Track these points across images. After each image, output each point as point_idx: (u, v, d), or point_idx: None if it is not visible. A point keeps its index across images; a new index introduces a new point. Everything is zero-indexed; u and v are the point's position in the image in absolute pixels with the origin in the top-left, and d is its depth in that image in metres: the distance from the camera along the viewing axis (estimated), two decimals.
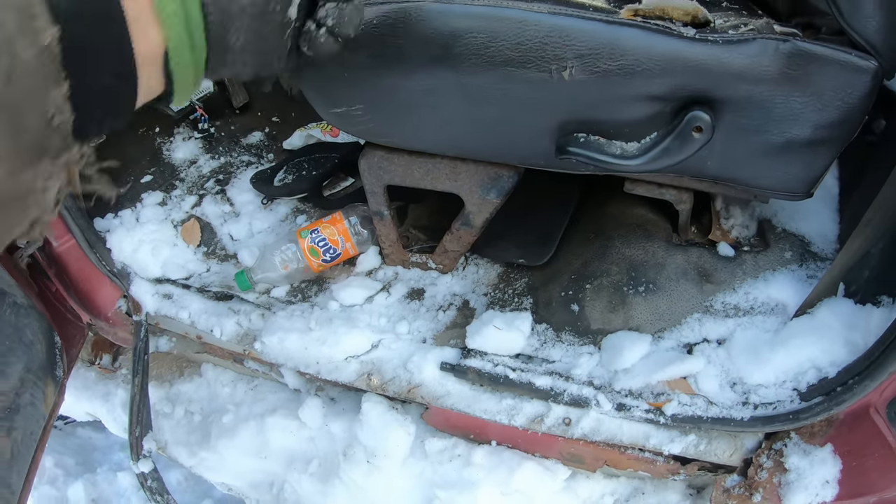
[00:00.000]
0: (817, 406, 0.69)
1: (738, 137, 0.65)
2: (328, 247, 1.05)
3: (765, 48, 0.59)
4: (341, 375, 0.91)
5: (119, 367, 1.33)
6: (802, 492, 0.72)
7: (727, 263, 0.86)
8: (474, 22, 0.65)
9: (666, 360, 0.77)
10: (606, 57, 0.61)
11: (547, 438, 0.81)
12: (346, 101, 0.78)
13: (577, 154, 0.69)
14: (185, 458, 1.13)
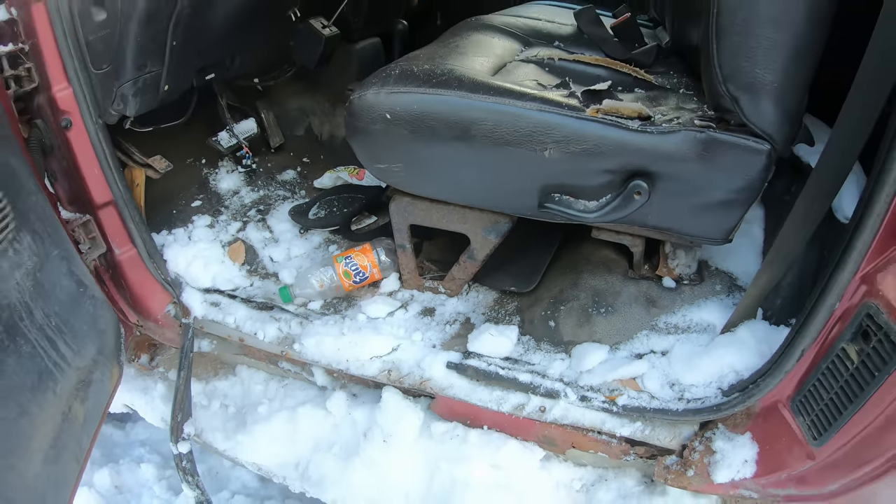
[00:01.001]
0: (735, 400, 0.98)
1: (669, 199, 0.97)
2: (358, 271, 1.37)
3: (686, 137, 0.92)
4: (366, 371, 1.20)
5: (156, 365, 1.60)
6: (726, 469, 1.00)
7: (670, 293, 1.17)
8: (485, 113, 1.00)
9: (619, 365, 1.07)
10: (575, 142, 0.95)
11: (526, 423, 1.10)
12: (388, 160, 1.11)
13: (552, 209, 1.03)
14: (220, 442, 1.39)
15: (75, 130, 1.22)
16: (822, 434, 0.88)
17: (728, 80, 0.89)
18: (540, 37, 1.45)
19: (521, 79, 1.14)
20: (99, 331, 1.20)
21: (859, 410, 0.82)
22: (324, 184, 1.79)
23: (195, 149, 1.80)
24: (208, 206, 1.67)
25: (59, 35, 1.16)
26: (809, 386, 0.90)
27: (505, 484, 1.11)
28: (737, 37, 0.86)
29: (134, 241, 1.34)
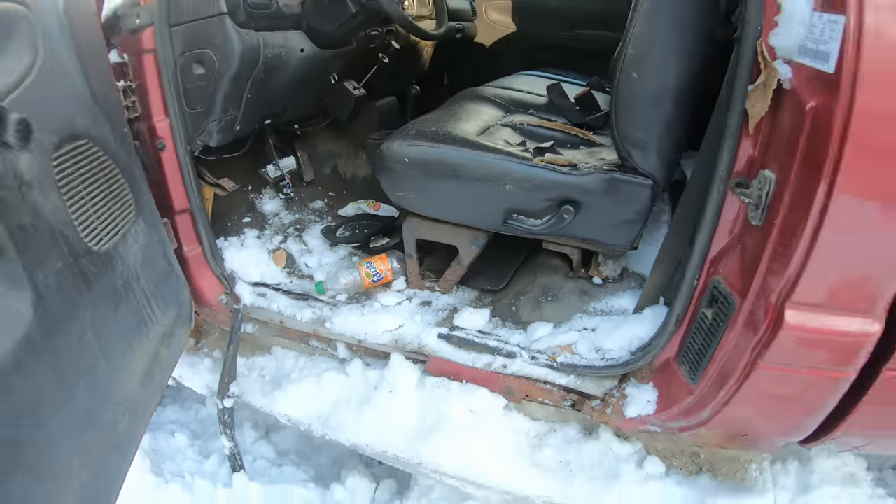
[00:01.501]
0: (638, 358, 1.46)
1: (589, 218, 1.51)
2: (376, 273, 1.88)
3: (598, 177, 1.47)
4: (380, 340, 1.70)
5: (201, 347, 2.07)
6: (634, 407, 1.47)
7: (598, 288, 1.71)
8: (469, 161, 1.56)
9: (559, 336, 1.58)
10: (525, 181, 1.51)
11: (493, 376, 1.58)
12: (404, 190, 1.66)
13: (512, 224, 1.58)
14: (257, 400, 1.81)
15: (167, 153, 1.69)
16: (696, 375, 1.35)
17: (623, 140, 1.44)
18: (519, 105, 2.02)
19: (497, 138, 1.71)
20: (179, 301, 1.67)
21: (714, 352, 1.29)
22: (347, 212, 2.34)
23: (245, 177, 2.33)
24: (256, 223, 2.20)
25: (165, 81, 1.63)
26: (686, 342, 1.39)
27: (477, 422, 1.60)
28: (628, 112, 1.41)
29: (201, 242, 1.83)
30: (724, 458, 1.58)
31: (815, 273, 1.08)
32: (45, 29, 1.21)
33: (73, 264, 1.15)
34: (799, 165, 1.05)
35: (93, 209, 1.26)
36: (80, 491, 1.12)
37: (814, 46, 1.01)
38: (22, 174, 1.03)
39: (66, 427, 1.08)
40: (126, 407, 1.30)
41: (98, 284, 1.23)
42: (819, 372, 1.20)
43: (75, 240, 1.17)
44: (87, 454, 1.14)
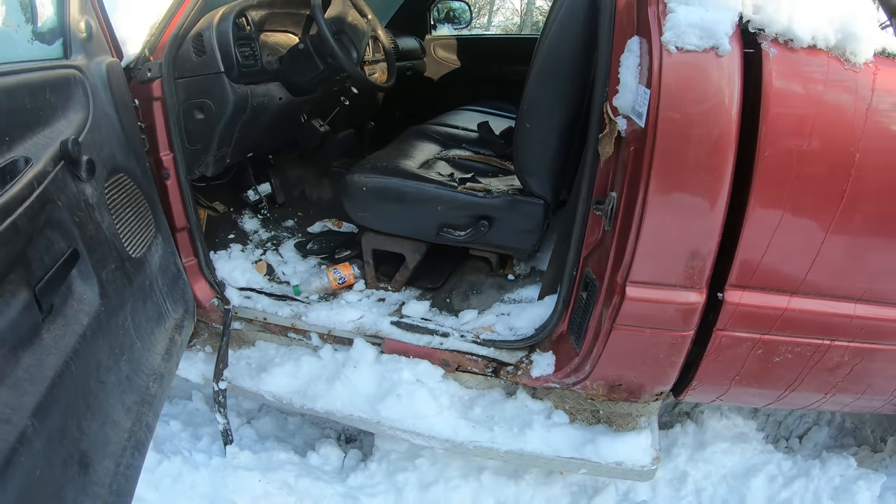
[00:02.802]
0: (540, 333, 2.08)
1: (500, 230, 2.15)
2: (342, 277, 2.48)
3: (505, 199, 2.14)
4: (345, 329, 2.29)
5: (194, 345, 2.61)
6: (538, 370, 2.08)
7: (512, 283, 2.36)
8: (410, 189, 2.22)
9: (482, 319, 2.21)
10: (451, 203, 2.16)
11: (432, 351, 2.18)
12: (363, 211, 2.30)
13: (443, 235, 2.22)
14: (246, 383, 2.33)
15: (171, 181, 2.23)
16: (579, 341, 1.96)
17: (521, 171, 2.09)
18: (454, 140, 2.66)
19: (434, 170, 2.38)
20: (185, 300, 2.25)
21: (589, 322, 1.90)
22: (315, 229, 2.95)
23: (229, 200, 2.92)
24: (239, 239, 2.79)
25: (170, 123, 2.17)
26: (572, 318, 2.01)
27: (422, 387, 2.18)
28: (524, 152, 2.05)
29: (196, 254, 2.39)
30: (620, 413, 2.18)
31: (643, 260, 1.71)
32: (94, 88, 1.80)
33: (121, 267, 1.72)
34: (628, 187, 1.68)
35: (129, 225, 1.84)
36: (127, 436, 1.64)
37: (637, 108, 1.64)
38: (88, 199, 1.60)
39: (116, 387, 1.62)
40: (154, 377, 1.86)
41: (135, 283, 1.81)
42: (659, 332, 1.82)
43: (121, 248, 1.74)
44: (129, 409, 1.68)
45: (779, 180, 1.59)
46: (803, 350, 1.86)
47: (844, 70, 1.53)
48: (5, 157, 1.30)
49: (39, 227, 1.36)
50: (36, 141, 1.44)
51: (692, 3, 1.53)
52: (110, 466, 1.54)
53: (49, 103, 1.56)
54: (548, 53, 1.93)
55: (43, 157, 1.40)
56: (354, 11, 2.68)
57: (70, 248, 1.47)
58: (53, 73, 1.63)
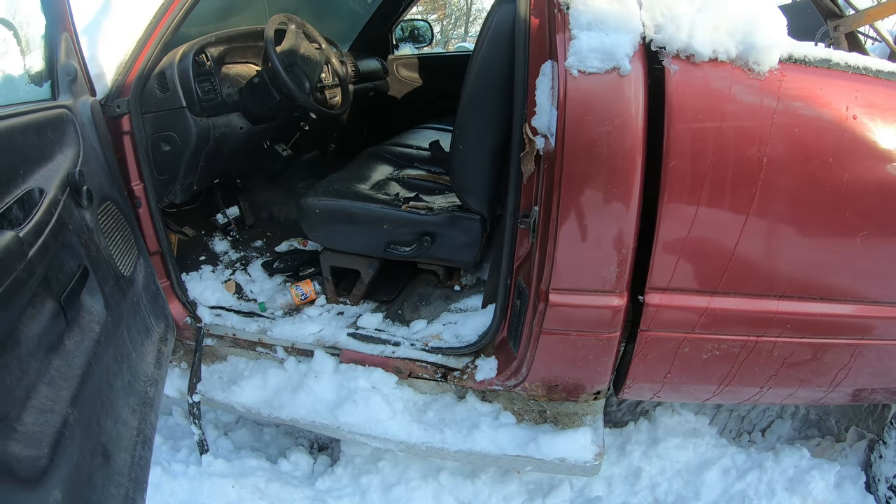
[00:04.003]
0: (482, 340, 2.29)
1: (442, 244, 2.37)
2: (303, 293, 2.69)
3: (445, 216, 2.36)
4: (307, 341, 2.50)
5: (170, 361, 2.83)
6: (481, 373, 2.30)
7: (458, 293, 2.59)
8: (359, 209, 2.47)
9: (430, 328, 2.43)
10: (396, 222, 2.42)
11: (385, 360, 2.41)
12: (318, 231, 2.54)
13: (390, 251, 2.46)
14: (218, 395, 2.55)
15: (143, 209, 2.42)
16: (516, 345, 2.16)
17: (459, 190, 2.31)
18: (408, 160, 2.88)
19: (384, 190, 2.60)
20: (166, 315, 2.48)
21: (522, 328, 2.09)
22: (281, 248, 3.16)
23: (199, 224, 3.13)
24: (210, 260, 3.01)
25: (140, 155, 2.38)
26: (510, 325, 2.22)
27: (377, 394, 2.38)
28: (459, 172, 2.27)
29: (169, 276, 2.61)
30: (565, 413, 2.37)
31: (562, 268, 1.91)
32: (83, 124, 2.05)
33: (116, 283, 1.96)
34: (545, 202, 1.88)
35: (118, 247, 2.10)
36: (136, 432, 1.88)
37: (550, 128, 1.82)
38: (88, 224, 1.85)
39: (122, 390, 1.87)
40: (150, 382, 2.10)
41: (127, 299, 2.05)
42: (585, 335, 2.01)
43: (115, 267, 2.00)
44: (134, 410, 1.93)
45: (687, 190, 1.75)
46: (730, 346, 2.00)
47: (748, 79, 1.66)
48: (21, 188, 1.52)
49: (58, 247, 1.60)
50: (42, 173, 1.66)
51: (594, 28, 1.70)
52: (126, 458, 1.80)
53: (49, 140, 1.79)
54: (475, 81, 2.14)
55: (52, 187, 1.63)
56: (307, 42, 2.91)
57: (80, 266, 1.72)
58: (52, 112, 1.87)
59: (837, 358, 2.04)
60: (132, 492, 1.79)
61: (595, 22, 1.71)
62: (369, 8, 4.45)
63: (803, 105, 1.69)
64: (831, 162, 1.72)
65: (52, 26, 1.98)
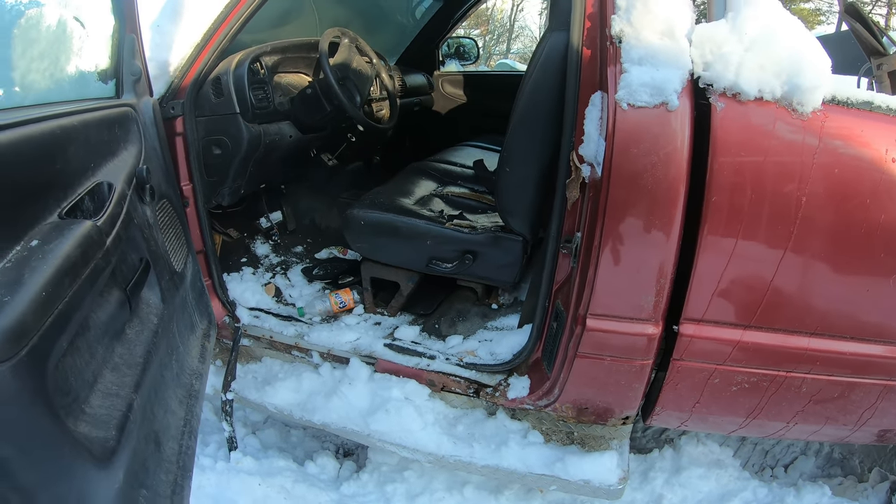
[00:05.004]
0: (517, 359, 2.37)
1: (483, 263, 2.46)
2: (342, 301, 2.78)
3: (488, 236, 2.44)
4: (343, 348, 2.59)
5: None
6: (513, 392, 2.37)
7: (495, 312, 2.66)
8: (403, 224, 2.57)
9: (466, 344, 2.50)
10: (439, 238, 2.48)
11: (420, 372, 2.49)
12: (362, 242, 2.63)
13: (432, 267, 2.54)
14: (252, 395, 2.66)
15: (190, 209, 2.55)
16: (550, 366, 2.23)
17: (502, 211, 2.40)
18: (451, 177, 2.96)
19: (428, 206, 2.69)
20: (208, 313, 2.59)
21: (558, 350, 2.17)
22: (321, 256, 3.25)
23: (242, 226, 3.23)
24: (251, 262, 3.11)
25: (191, 156, 2.50)
26: (545, 346, 2.28)
27: (409, 404, 2.45)
28: (504, 193, 2.35)
29: (211, 275, 2.72)
30: (592, 436, 2.43)
31: (601, 294, 1.98)
32: (145, 123, 2.14)
33: (171, 278, 2.08)
34: (588, 229, 1.95)
35: (172, 244, 2.21)
36: (183, 423, 1.98)
37: (597, 158, 1.90)
38: (149, 219, 1.96)
39: (171, 381, 1.98)
40: (195, 376, 2.20)
41: (178, 294, 2.15)
42: (619, 360, 2.08)
43: (170, 262, 2.11)
44: (181, 401, 2.03)
45: (726, 224, 1.81)
46: (759, 380, 2.05)
47: (792, 119, 1.72)
48: (92, 181, 1.63)
49: (126, 239, 1.71)
50: (108, 168, 1.77)
51: (645, 63, 1.78)
52: (174, 447, 1.89)
53: (116, 136, 1.90)
54: (525, 106, 2.23)
55: (119, 182, 1.74)
56: (359, 57, 3.02)
57: (142, 260, 1.83)
58: (119, 110, 1.98)
59: (865, 397, 2.08)
60: (180, 479, 1.89)
61: (646, 57, 1.78)
62: (418, 23, 4.59)
63: (844, 146, 1.74)
64: (868, 203, 1.76)
65: (121, 27, 2.09)
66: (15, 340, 1.19)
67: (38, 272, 1.28)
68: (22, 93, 1.80)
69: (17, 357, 1.21)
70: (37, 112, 1.56)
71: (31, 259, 1.30)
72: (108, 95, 2.07)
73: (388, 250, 2.65)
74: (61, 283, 1.34)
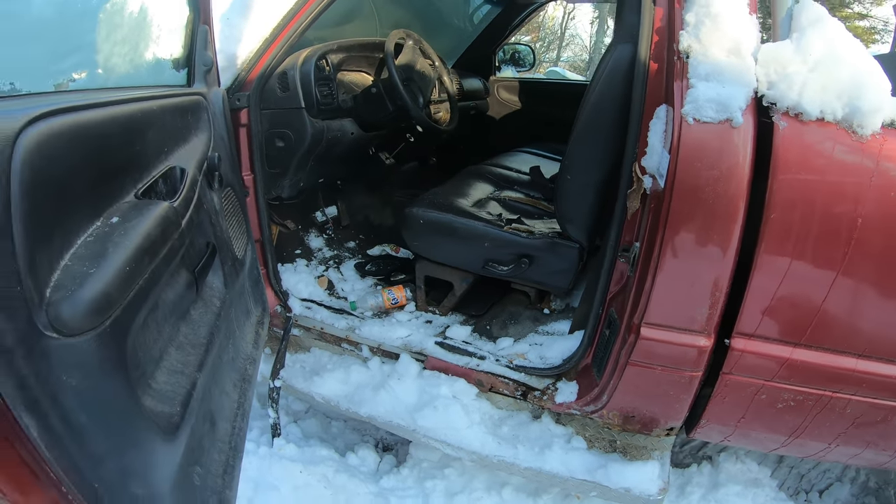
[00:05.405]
0: (566, 364, 2.43)
1: (539, 267, 2.52)
2: (395, 298, 2.87)
3: (545, 241, 2.51)
4: (394, 344, 2.68)
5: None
6: (561, 396, 2.43)
7: (546, 316, 2.74)
8: (461, 225, 2.64)
9: (517, 347, 2.57)
10: (497, 241, 2.56)
11: (470, 371, 2.56)
12: (419, 241, 2.72)
13: (488, 269, 2.61)
14: (299, 384, 2.74)
15: (250, 199, 2.65)
16: (600, 373, 2.29)
17: (561, 218, 2.46)
18: (507, 181, 3.05)
19: (485, 209, 2.78)
20: (263, 301, 2.69)
21: (609, 357, 2.23)
22: (374, 252, 3.36)
23: (298, 219, 3.35)
24: (305, 255, 3.22)
25: (254, 148, 2.62)
26: (596, 352, 2.35)
27: (457, 402, 2.53)
28: (563, 200, 2.43)
29: (266, 264, 2.82)
30: (635, 445, 2.48)
31: (657, 304, 2.03)
32: (214, 113, 2.25)
33: (233, 264, 2.18)
34: (648, 239, 2.01)
35: (234, 232, 2.30)
36: (236, 405, 2.09)
37: (660, 170, 1.96)
38: (215, 206, 2.06)
39: (227, 364, 2.08)
40: (249, 361, 2.30)
41: (238, 280, 2.25)
42: (669, 370, 2.13)
43: (232, 249, 2.21)
44: (235, 384, 2.13)
45: (783, 242, 1.85)
46: (805, 399, 2.08)
47: (851, 141, 1.75)
48: (165, 164, 1.73)
49: (196, 223, 1.81)
50: (181, 154, 1.87)
51: (711, 79, 1.83)
52: (228, 428, 1.99)
53: (188, 123, 2.01)
54: (588, 115, 2.30)
55: (191, 167, 1.84)
56: (423, 59, 3.12)
57: (209, 244, 1.93)
58: (192, 98, 2.09)
59: None
60: (231, 459, 1.98)
61: (713, 73, 1.83)
62: (476, 28, 4.69)
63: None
64: None
65: (195, 18, 2.20)
66: (100, 311, 1.28)
67: (122, 247, 1.36)
68: (104, 75, 1.90)
69: (102, 327, 1.29)
70: (120, 94, 1.66)
71: (114, 235, 1.38)
72: (180, 83, 2.17)
73: (444, 250, 2.73)
74: (142, 260, 1.42)
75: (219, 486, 1.91)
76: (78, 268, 1.27)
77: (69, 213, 1.31)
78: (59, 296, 1.20)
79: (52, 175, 1.24)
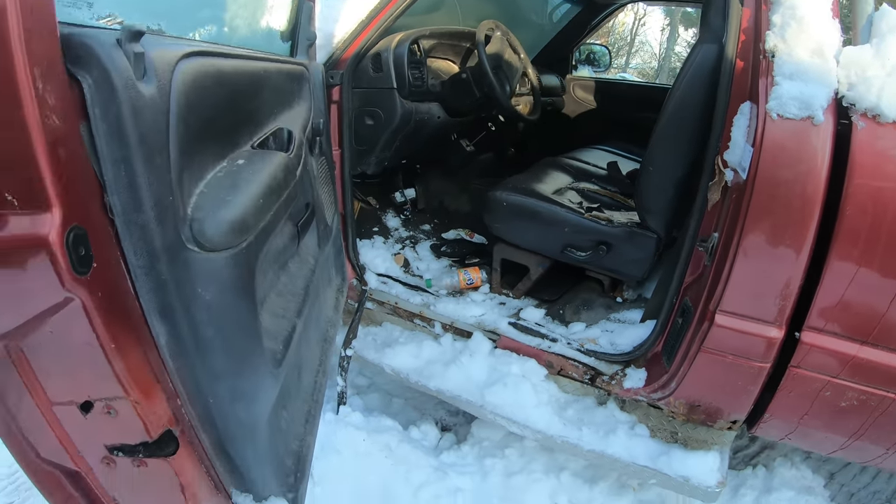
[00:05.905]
0: (637, 352, 2.54)
1: (615, 255, 2.64)
2: (470, 278, 3.02)
3: (624, 230, 2.63)
4: (468, 321, 2.82)
5: None
6: (629, 382, 2.52)
7: (619, 304, 2.85)
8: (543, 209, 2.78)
9: (588, 332, 2.70)
10: (577, 227, 2.70)
11: (540, 352, 2.68)
12: (500, 223, 2.87)
13: (566, 254, 2.75)
14: (371, 355, 2.89)
15: (337, 172, 2.78)
16: (670, 360, 2.39)
17: (641, 208, 2.58)
18: (585, 174, 3.20)
19: (565, 197, 2.90)
20: (342, 270, 2.85)
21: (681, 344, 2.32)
22: (448, 236, 3.53)
23: (377, 198, 3.55)
24: (382, 232, 3.40)
25: (344, 124, 2.78)
26: (667, 340, 2.46)
27: (526, 382, 2.67)
28: (644, 192, 2.55)
29: (346, 237, 2.97)
30: (696, 438, 2.56)
31: (732, 292, 2.13)
32: (314, 84, 2.42)
33: (325, 228, 2.34)
34: (727, 230, 2.11)
35: (326, 199, 2.46)
36: (318, 362, 2.26)
37: (742, 163, 2.07)
38: (313, 170, 2.22)
39: (313, 322, 2.24)
40: (330, 323, 2.47)
41: (327, 245, 2.41)
42: (740, 360, 2.21)
43: (325, 214, 2.37)
44: (318, 342, 2.30)
45: (857, 240, 1.92)
46: (868, 399, 2.14)
47: None
48: (273, 125, 1.89)
49: (301, 182, 1.96)
50: (286, 117, 2.03)
51: (795, 78, 1.92)
52: (311, 381, 2.15)
53: (294, 90, 2.17)
54: (672, 111, 2.41)
55: (297, 130, 1.99)
56: (510, 50, 3.28)
57: (308, 205, 2.08)
58: (298, 67, 2.25)
59: None
60: (313, 409, 2.15)
61: (797, 72, 1.92)
62: (555, 27, 4.84)
63: None
64: None
65: None
66: (239, 232, 1.42)
67: (254, 183, 1.51)
68: (229, 34, 2.07)
69: (238, 248, 1.44)
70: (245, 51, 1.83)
71: (243, 172, 1.52)
72: (285, 54, 2.33)
73: (525, 233, 2.86)
74: (269, 197, 1.57)
75: (301, 433, 2.07)
76: (214, 194, 1.41)
77: (206, 147, 1.46)
78: (201, 214, 1.34)
79: (199, 107, 1.39)
